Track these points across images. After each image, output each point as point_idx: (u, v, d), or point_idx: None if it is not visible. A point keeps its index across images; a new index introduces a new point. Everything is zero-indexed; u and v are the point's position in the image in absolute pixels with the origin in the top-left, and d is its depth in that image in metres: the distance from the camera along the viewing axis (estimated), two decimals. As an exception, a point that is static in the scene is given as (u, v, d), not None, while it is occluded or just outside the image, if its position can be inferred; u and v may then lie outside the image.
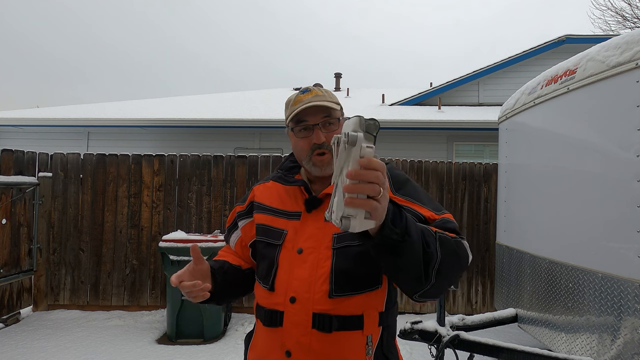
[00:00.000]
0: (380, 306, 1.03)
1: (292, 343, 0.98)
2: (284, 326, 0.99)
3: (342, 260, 0.99)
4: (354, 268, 0.98)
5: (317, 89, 1.12)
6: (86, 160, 4.64)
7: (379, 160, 0.64)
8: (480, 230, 4.87)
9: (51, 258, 4.54)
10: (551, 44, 8.33)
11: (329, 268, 0.99)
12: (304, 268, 1.01)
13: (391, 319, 1.08)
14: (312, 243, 1.03)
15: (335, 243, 1.01)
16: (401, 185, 1.08)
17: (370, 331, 1.00)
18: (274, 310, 1.02)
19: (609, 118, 2.27)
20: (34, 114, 8.22)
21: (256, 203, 1.18)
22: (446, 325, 2.87)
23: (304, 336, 0.97)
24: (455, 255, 0.90)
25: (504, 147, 3.70)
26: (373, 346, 0.99)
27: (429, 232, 0.85)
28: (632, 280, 2.02)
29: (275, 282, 1.04)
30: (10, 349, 3.48)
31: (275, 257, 1.06)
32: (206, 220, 4.68)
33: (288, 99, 1.14)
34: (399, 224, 0.75)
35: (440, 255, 0.84)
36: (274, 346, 1.01)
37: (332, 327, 0.96)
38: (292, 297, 0.99)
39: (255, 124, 7.48)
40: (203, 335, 3.79)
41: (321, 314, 0.97)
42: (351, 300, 0.98)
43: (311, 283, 0.99)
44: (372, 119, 0.66)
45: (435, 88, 8.75)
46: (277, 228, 1.09)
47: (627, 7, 11.92)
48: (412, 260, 0.80)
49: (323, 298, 0.98)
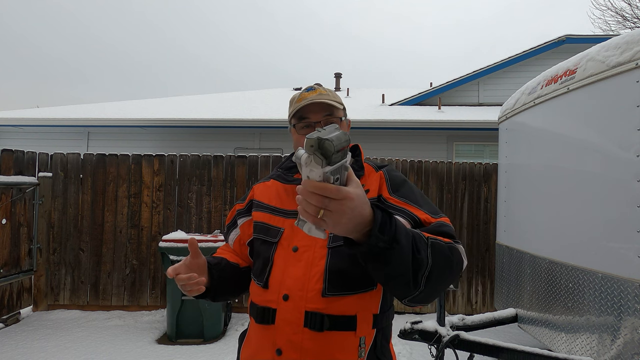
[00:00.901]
0: (375, 308, 1.02)
1: (283, 341, 0.97)
2: (276, 324, 0.99)
3: (336, 259, 0.99)
4: (348, 268, 0.98)
5: (322, 88, 1.12)
6: (86, 160, 4.64)
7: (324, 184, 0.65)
8: (480, 230, 4.86)
9: (51, 258, 4.54)
10: (551, 44, 8.33)
11: (323, 267, 0.99)
12: (299, 266, 1.01)
13: (386, 322, 1.06)
14: (307, 241, 1.03)
15: (330, 242, 1.01)
16: (398, 187, 1.08)
17: (364, 333, 0.98)
18: (267, 308, 1.01)
19: (609, 118, 2.27)
20: (34, 114, 8.22)
21: (255, 201, 1.18)
22: (446, 325, 2.87)
23: (295, 334, 0.96)
24: (447, 262, 0.87)
25: (504, 147, 3.70)
26: (366, 349, 0.98)
27: (420, 237, 0.84)
28: (632, 280, 2.02)
29: (269, 279, 1.04)
30: (10, 349, 3.48)
31: (270, 254, 1.06)
32: (206, 220, 4.68)
33: (292, 96, 1.15)
34: (388, 231, 0.74)
35: (431, 262, 0.82)
36: (265, 344, 1.01)
37: (323, 326, 0.96)
38: (285, 294, 0.99)
39: (255, 124, 7.48)
40: (203, 335, 3.79)
41: (313, 312, 0.96)
42: (344, 300, 0.98)
43: (305, 281, 0.99)
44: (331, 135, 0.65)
45: (435, 88, 8.75)
46: (274, 226, 1.09)
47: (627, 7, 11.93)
48: (400, 267, 0.78)
49: (316, 297, 0.97)
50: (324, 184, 0.65)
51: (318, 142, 0.63)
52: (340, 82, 12.96)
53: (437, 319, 2.85)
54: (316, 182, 0.65)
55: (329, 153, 0.63)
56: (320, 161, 0.64)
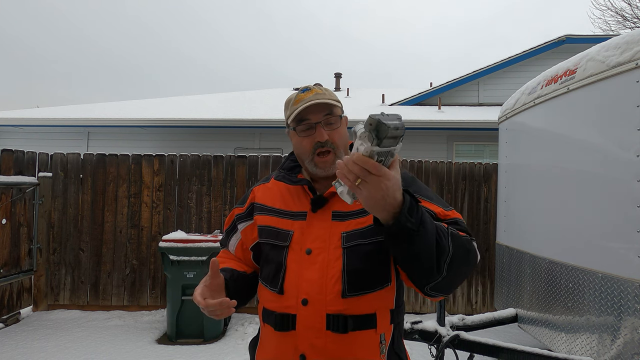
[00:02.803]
0: (391, 304, 1.03)
1: (306, 346, 0.97)
2: (297, 329, 0.98)
3: (353, 259, 0.99)
4: (364, 266, 0.98)
5: (317, 88, 1.11)
6: (86, 160, 4.64)
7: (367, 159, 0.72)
8: (480, 230, 4.87)
9: (51, 258, 4.54)
10: (551, 44, 8.33)
11: (340, 268, 0.98)
12: (314, 269, 1.00)
13: (401, 317, 1.08)
14: (320, 243, 1.01)
15: (344, 242, 1.00)
16: (408, 185, 1.07)
17: (383, 329, 0.99)
18: (286, 314, 1.00)
19: (609, 118, 2.27)
20: (34, 114, 8.22)
21: (257, 204, 1.15)
22: (446, 325, 2.87)
23: (318, 338, 0.96)
24: (465, 252, 0.91)
25: (504, 147, 3.70)
26: (386, 345, 1.00)
27: (441, 227, 0.88)
28: (632, 280, 2.02)
29: (284, 284, 1.02)
30: (10, 349, 3.48)
31: (283, 259, 1.04)
32: (206, 220, 4.68)
33: (288, 98, 1.13)
34: (415, 215, 0.79)
35: (452, 250, 0.86)
36: (286, 350, 0.99)
37: (347, 327, 0.96)
38: (304, 299, 0.98)
39: (255, 124, 7.48)
40: (203, 335, 3.79)
41: (335, 314, 0.96)
42: (364, 299, 0.98)
43: (322, 284, 0.98)
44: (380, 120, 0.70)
45: (435, 88, 8.75)
46: (282, 229, 1.07)
47: (627, 7, 11.93)
48: (425, 250, 0.82)
49: (336, 299, 0.97)
50: (367, 158, 0.72)
51: (377, 123, 0.69)
52: (340, 83, 12.97)
53: (437, 319, 2.85)
54: (361, 154, 0.72)
55: (382, 136, 0.69)
56: (372, 140, 0.71)
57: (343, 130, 1.11)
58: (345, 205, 1.01)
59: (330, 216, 1.04)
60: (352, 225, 1.01)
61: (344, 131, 1.11)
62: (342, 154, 1.08)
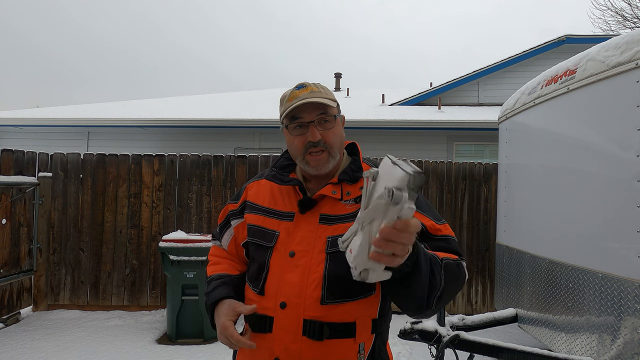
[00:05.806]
0: (374, 313, 0.99)
1: (280, 350, 0.95)
2: (274, 332, 0.96)
3: (335, 265, 0.95)
4: (347, 273, 0.91)
5: (313, 85, 1.07)
6: (86, 160, 4.64)
7: (415, 220, 0.63)
8: (480, 230, 4.86)
9: (51, 258, 4.54)
10: (551, 44, 8.33)
11: (321, 273, 0.96)
12: (295, 272, 0.97)
13: (385, 326, 1.05)
14: (304, 246, 0.99)
15: (329, 247, 0.97)
16: None
17: (363, 339, 0.97)
18: (264, 316, 0.99)
19: (609, 118, 2.27)
20: (34, 114, 8.22)
21: (249, 203, 1.14)
22: (446, 325, 2.86)
23: (293, 343, 0.94)
24: (456, 280, 0.91)
25: (504, 147, 3.70)
26: (365, 354, 0.97)
27: (435, 260, 0.86)
28: (632, 280, 2.02)
29: (265, 286, 1.00)
30: (10, 349, 3.48)
31: (266, 259, 1.02)
32: (206, 220, 4.68)
33: (283, 94, 1.10)
34: (411, 257, 0.76)
35: (443, 284, 0.85)
36: (262, 353, 0.98)
37: (323, 334, 0.93)
38: (283, 302, 0.96)
39: (255, 124, 7.48)
40: (203, 335, 3.79)
41: (312, 320, 0.94)
42: (344, 307, 0.95)
43: (302, 288, 0.96)
44: (418, 172, 0.59)
45: (435, 88, 8.75)
46: (268, 229, 1.05)
47: (627, 7, 11.94)
48: (417, 290, 0.82)
49: (315, 304, 0.94)
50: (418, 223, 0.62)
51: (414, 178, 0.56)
52: (340, 82, 12.96)
53: (437, 319, 2.85)
54: (416, 220, 0.62)
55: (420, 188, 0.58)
56: (415, 197, 0.58)
57: (338, 130, 1.07)
58: (333, 209, 1.01)
59: (318, 219, 1.01)
60: (339, 229, 0.97)
61: (339, 131, 1.07)
62: (336, 154, 1.06)
